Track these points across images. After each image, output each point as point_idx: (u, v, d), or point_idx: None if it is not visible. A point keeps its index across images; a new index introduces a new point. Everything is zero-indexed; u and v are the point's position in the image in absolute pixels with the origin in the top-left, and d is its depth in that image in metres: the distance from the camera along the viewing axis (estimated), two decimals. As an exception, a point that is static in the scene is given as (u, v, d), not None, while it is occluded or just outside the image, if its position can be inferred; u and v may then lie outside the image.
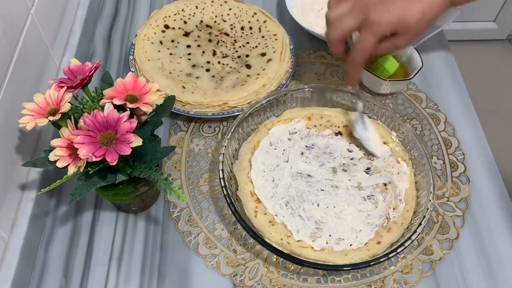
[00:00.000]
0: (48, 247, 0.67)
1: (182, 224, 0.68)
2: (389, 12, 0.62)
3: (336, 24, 0.65)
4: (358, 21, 0.63)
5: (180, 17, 0.88)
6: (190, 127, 0.79)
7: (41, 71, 0.73)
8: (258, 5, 0.92)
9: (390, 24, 0.62)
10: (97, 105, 0.57)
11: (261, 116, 0.75)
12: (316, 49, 0.90)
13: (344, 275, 0.64)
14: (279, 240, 0.63)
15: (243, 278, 0.64)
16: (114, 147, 0.52)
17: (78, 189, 0.56)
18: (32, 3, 0.70)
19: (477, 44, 2.10)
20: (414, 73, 0.78)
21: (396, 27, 0.62)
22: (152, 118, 0.61)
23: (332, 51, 0.69)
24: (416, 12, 0.61)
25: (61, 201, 0.71)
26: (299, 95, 0.76)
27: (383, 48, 0.65)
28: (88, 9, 0.89)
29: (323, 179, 0.69)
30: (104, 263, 0.65)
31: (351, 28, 0.64)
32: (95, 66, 0.59)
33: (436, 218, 0.69)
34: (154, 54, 0.82)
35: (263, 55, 0.82)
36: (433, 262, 0.65)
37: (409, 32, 0.63)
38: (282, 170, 0.70)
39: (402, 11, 0.62)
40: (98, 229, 0.68)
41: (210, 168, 0.74)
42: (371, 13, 0.62)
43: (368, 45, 0.64)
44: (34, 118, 0.55)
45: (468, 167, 0.74)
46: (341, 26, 0.64)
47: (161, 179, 0.55)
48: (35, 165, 0.57)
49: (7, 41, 0.62)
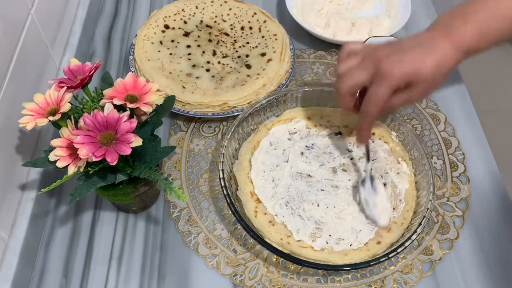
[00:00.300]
0: (48, 247, 0.66)
1: (182, 224, 0.68)
2: (401, 63, 0.59)
3: (346, 78, 0.62)
4: (369, 73, 0.60)
5: (180, 17, 0.88)
6: (190, 127, 0.79)
7: (41, 71, 0.73)
8: (258, 5, 0.92)
9: (403, 75, 0.59)
10: (97, 105, 0.57)
11: (261, 116, 0.75)
12: (316, 49, 0.90)
13: (344, 275, 0.64)
14: (279, 240, 0.63)
15: (243, 278, 0.64)
16: (114, 147, 0.52)
17: (78, 189, 0.56)
18: (32, 3, 0.70)
19: (477, 44, 2.10)
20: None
21: (410, 79, 0.59)
22: (152, 118, 0.61)
23: (341, 105, 0.66)
24: (430, 64, 0.59)
25: (61, 201, 0.71)
26: (299, 95, 0.76)
27: (396, 101, 0.62)
28: (88, 9, 0.89)
29: (323, 179, 0.69)
30: (104, 263, 0.65)
31: (362, 81, 0.61)
32: (95, 66, 0.59)
33: (436, 218, 0.69)
34: (154, 54, 0.82)
35: (263, 55, 0.82)
36: (433, 262, 0.65)
37: (423, 84, 0.60)
38: (282, 170, 0.70)
39: (415, 62, 0.59)
40: (98, 229, 0.68)
41: (210, 168, 0.74)
42: (383, 64, 0.59)
43: (381, 97, 0.60)
44: (34, 118, 0.55)
45: (468, 167, 0.74)
46: (351, 79, 0.62)
47: (161, 179, 0.55)
48: (35, 165, 0.57)
49: (7, 41, 0.62)
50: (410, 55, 0.60)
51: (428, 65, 0.59)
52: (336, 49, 0.90)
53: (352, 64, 0.63)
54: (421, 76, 0.59)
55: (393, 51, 0.61)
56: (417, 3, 0.97)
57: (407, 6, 0.90)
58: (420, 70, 0.59)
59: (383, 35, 0.87)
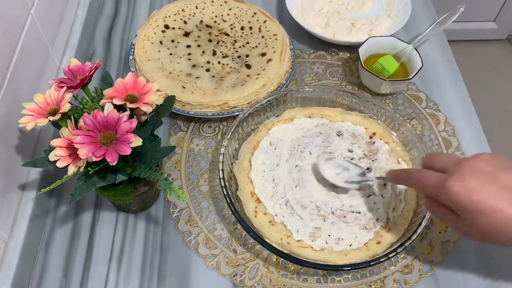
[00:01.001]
0: (48, 247, 0.67)
1: (182, 224, 0.68)
2: (468, 190, 0.49)
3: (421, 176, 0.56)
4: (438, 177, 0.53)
5: (180, 17, 0.88)
6: (190, 127, 0.79)
7: (41, 71, 0.73)
8: (258, 5, 0.92)
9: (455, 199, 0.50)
10: (97, 105, 0.57)
11: (261, 116, 0.75)
12: (316, 49, 0.90)
13: (344, 275, 0.64)
14: (279, 240, 0.63)
15: (243, 278, 0.64)
16: (114, 147, 0.52)
17: (78, 189, 0.56)
18: (32, 3, 0.70)
19: (477, 44, 2.10)
20: (414, 73, 0.78)
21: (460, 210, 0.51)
22: (152, 118, 0.61)
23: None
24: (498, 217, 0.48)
25: (61, 201, 0.71)
26: (299, 95, 0.76)
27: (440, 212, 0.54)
28: (88, 9, 0.89)
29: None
30: (104, 263, 0.65)
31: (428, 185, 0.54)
32: (95, 66, 0.59)
33: (436, 218, 0.69)
34: (154, 54, 0.82)
35: (263, 55, 0.82)
36: (433, 262, 0.65)
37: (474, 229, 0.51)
38: (282, 170, 0.70)
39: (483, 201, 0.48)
40: (98, 229, 0.68)
41: (210, 168, 0.74)
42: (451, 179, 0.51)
43: (422, 184, 0.54)
44: (34, 118, 0.55)
45: (468, 167, 0.74)
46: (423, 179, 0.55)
47: (161, 179, 0.55)
48: (35, 165, 0.57)
49: (7, 41, 0.62)
50: (489, 191, 0.49)
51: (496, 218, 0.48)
52: (336, 49, 0.90)
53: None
54: (475, 220, 0.50)
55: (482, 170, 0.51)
56: (417, 3, 0.97)
57: (407, 6, 0.90)
58: (477, 213, 0.49)
59: (383, 35, 0.87)
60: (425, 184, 0.54)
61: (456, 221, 0.53)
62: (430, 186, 0.53)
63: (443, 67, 0.88)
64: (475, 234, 0.52)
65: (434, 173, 0.54)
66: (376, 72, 0.80)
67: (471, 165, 0.51)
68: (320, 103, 0.77)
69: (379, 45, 0.84)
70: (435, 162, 0.56)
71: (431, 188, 0.53)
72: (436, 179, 0.53)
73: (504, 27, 2.06)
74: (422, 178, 0.55)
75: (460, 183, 0.50)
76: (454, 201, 0.50)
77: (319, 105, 0.77)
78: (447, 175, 0.52)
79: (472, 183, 0.50)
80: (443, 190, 0.51)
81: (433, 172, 0.54)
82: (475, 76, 1.95)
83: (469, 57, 2.02)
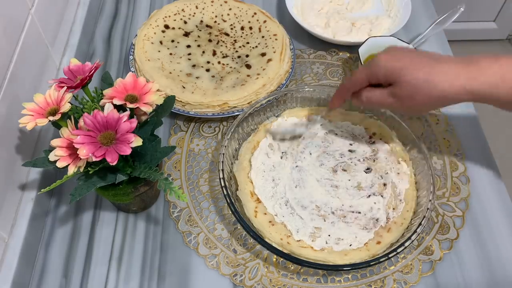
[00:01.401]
0: (48, 247, 0.66)
1: (182, 224, 0.68)
2: (395, 59, 0.58)
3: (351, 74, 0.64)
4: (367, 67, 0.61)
5: (180, 17, 0.88)
6: (190, 127, 0.79)
7: (41, 71, 0.73)
8: (258, 5, 0.92)
9: (385, 68, 0.58)
10: (97, 105, 0.57)
11: (261, 116, 0.75)
12: (316, 49, 0.90)
13: (344, 275, 0.64)
14: (279, 240, 0.63)
15: (243, 278, 0.64)
16: (114, 147, 0.52)
17: (78, 189, 0.56)
18: (32, 3, 0.70)
19: (477, 44, 2.10)
20: None
21: (391, 77, 0.59)
22: (152, 118, 0.61)
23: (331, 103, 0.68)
24: (421, 75, 0.56)
25: (61, 201, 0.71)
26: (299, 95, 0.76)
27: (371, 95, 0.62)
28: (88, 9, 0.89)
29: (323, 179, 0.69)
30: (104, 263, 0.65)
31: (358, 78, 0.62)
32: (95, 66, 0.59)
33: (436, 218, 0.69)
34: (154, 54, 0.82)
35: (263, 55, 0.82)
36: (433, 262, 0.65)
37: (401, 89, 0.58)
38: (282, 170, 0.70)
39: (407, 65, 0.57)
40: (98, 229, 0.68)
41: (210, 168, 0.74)
42: (381, 52, 0.60)
43: (357, 75, 0.62)
44: (34, 118, 0.55)
45: (468, 167, 0.74)
46: (352, 74, 0.63)
47: (161, 179, 0.55)
48: (35, 165, 0.57)
49: (7, 41, 0.62)
50: (411, 58, 0.58)
51: (415, 74, 0.57)
52: (336, 49, 0.90)
53: None
54: (401, 79, 0.58)
55: (406, 50, 0.60)
56: (417, 3, 0.97)
57: (407, 6, 0.90)
58: (403, 72, 0.58)
59: (383, 35, 0.87)
60: (355, 75, 0.62)
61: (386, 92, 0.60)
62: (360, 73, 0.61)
63: (443, 67, 0.88)
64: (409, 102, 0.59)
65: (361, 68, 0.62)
66: (376, 72, 0.80)
67: (394, 47, 0.61)
68: (320, 103, 0.77)
69: (379, 45, 0.83)
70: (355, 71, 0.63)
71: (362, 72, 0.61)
72: (365, 67, 0.61)
73: (504, 27, 2.06)
74: (353, 74, 0.63)
75: (385, 54, 0.59)
76: (383, 68, 0.59)
77: (319, 105, 0.77)
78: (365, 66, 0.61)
79: (396, 53, 0.60)
80: (373, 67, 0.59)
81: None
82: (475, 76, 1.95)
83: (469, 57, 2.01)
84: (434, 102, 0.58)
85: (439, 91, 0.56)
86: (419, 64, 0.58)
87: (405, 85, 0.58)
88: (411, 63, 0.58)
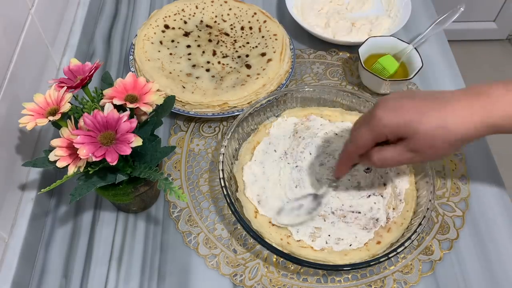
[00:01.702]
0: (48, 247, 0.67)
1: (182, 224, 0.68)
2: (397, 111, 0.52)
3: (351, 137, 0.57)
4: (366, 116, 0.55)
5: (180, 17, 0.88)
6: (190, 127, 0.79)
7: (41, 71, 0.73)
8: (258, 5, 0.92)
9: (392, 124, 0.52)
10: (97, 105, 0.57)
11: (261, 116, 0.75)
12: (316, 49, 0.90)
13: (344, 275, 0.64)
14: (279, 240, 0.63)
15: (243, 278, 0.64)
16: (114, 147, 0.52)
17: (78, 189, 0.56)
18: (32, 3, 0.70)
19: (477, 44, 2.10)
20: (414, 73, 0.78)
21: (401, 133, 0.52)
22: (152, 118, 0.61)
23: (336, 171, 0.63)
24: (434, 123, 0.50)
25: (61, 201, 0.71)
26: (299, 95, 0.76)
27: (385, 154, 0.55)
28: (88, 9, 0.89)
29: (323, 179, 0.69)
30: (104, 263, 0.65)
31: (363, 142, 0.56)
32: (95, 66, 0.59)
33: (436, 218, 0.69)
34: (154, 54, 0.82)
35: (263, 55, 0.82)
36: (433, 262, 0.65)
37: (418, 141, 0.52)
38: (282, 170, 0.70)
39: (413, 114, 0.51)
40: (98, 229, 0.68)
41: (210, 168, 0.74)
42: (377, 108, 0.54)
43: (360, 139, 0.56)
44: (34, 118, 0.55)
45: (468, 167, 0.74)
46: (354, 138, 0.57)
47: (161, 179, 0.55)
48: (35, 165, 0.57)
49: (7, 41, 0.62)
50: (412, 105, 0.52)
51: (427, 122, 0.51)
52: (336, 49, 0.90)
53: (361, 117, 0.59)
54: (414, 132, 0.52)
55: (401, 96, 0.54)
56: (417, 3, 0.97)
57: (407, 6, 0.90)
58: (414, 125, 0.52)
59: (383, 35, 0.87)
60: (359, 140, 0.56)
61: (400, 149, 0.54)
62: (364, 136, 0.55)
63: (443, 67, 0.88)
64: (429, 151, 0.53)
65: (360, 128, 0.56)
66: (376, 72, 0.80)
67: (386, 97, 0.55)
68: (320, 103, 0.77)
69: (379, 45, 0.84)
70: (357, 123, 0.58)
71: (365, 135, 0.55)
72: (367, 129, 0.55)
73: (504, 27, 2.07)
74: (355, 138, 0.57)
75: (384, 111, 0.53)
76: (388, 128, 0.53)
77: (319, 105, 0.77)
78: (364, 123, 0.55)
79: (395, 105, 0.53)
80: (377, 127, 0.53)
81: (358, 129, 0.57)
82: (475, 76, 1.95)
83: (469, 57, 2.02)
84: (454, 145, 0.53)
85: (456, 135, 0.52)
86: (425, 110, 0.52)
87: (421, 138, 0.52)
88: (416, 112, 0.52)
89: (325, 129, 0.75)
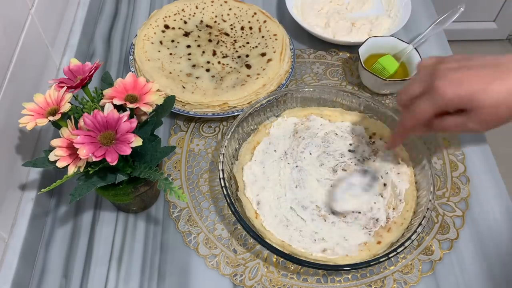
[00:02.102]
0: (48, 247, 0.67)
1: (182, 224, 0.68)
2: (459, 84, 0.51)
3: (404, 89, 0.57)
4: (423, 86, 0.55)
5: (180, 17, 0.88)
6: (190, 127, 0.79)
7: (41, 71, 0.73)
8: (258, 5, 0.92)
9: (455, 98, 0.52)
10: (97, 105, 0.57)
11: (261, 116, 0.75)
12: (316, 49, 0.90)
13: (344, 275, 0.64)
14: (279, 240, 0.63)
15: (243, 278, 0.64)
16: (114, 147, 0.52)
17: (78, 189, 0.56)
18: (32, 3, 0.70)
19: (477, 44, 2.10)
20: (414, 73, 0.78)
21: (464, 104, 0.52)
22: (152, 118, 0.61)
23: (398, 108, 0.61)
24: (496, 92, 0.50)
25: (61, 201, 0.71)
26: (299, 95, 0.76)
27: (447, 124, 0.55)
28: (88, 9, 0.89)
29: (323, 179, 0.69)
30: (104, 263, 0.65)
31: (415, 94, 0.56)
32: (95, 66, 0.59)
33: (436, 218, 0.69)
34: (154, 54, 0.82)
35: (263, 55, 0.82)
36: (433, 262, 0.65)
37: (483, 114, 0.52)
38: (281, 170, 0.70)
39: (476, 85, 0.51)
40: (98, 229, 0.68)
41: (210, 168, 0.74)
42: (437, 80, 0.53)
43: (421, 113, 0.55)
44: (34, 118, 0.55)
45: (468, 167, 0.74)
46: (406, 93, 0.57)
47: (161, 179, 0.55)
48: (35, 165, 0.57)
49: (7, 41, 0.62)
50: (474, 75, 0.52)
51: (494, 93, 0.50)
52: (336, 49, 0.90)
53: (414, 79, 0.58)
54: (479, 105, 0.51)
55: (459, 66, 0.53)
56: (417, 3, 0.97)
57: (407, 6, 0.90)
58: (479, 97, 0.51)
59: (383, 35, 0.87)
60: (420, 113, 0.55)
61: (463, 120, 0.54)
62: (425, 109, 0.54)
63: (443, 67, 0.88)
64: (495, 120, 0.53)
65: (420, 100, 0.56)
66: (376, 72, 0.80)
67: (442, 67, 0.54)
68: (320, 103, 0.77)
69: (379, 45, 0.84)
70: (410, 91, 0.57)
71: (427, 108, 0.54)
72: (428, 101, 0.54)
73: (504, 27, 2.06)
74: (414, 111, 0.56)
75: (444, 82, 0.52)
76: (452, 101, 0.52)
77: (319, 105, 0.77)
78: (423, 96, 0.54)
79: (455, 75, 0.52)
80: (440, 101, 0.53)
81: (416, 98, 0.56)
82: (475, 76, 1.95)
83: (469, 57, 2.01)
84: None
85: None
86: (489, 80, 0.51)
87: (487, 109, 0.52)
88: (480, 82, 0.51)
89: (325, 129, 0.75)
